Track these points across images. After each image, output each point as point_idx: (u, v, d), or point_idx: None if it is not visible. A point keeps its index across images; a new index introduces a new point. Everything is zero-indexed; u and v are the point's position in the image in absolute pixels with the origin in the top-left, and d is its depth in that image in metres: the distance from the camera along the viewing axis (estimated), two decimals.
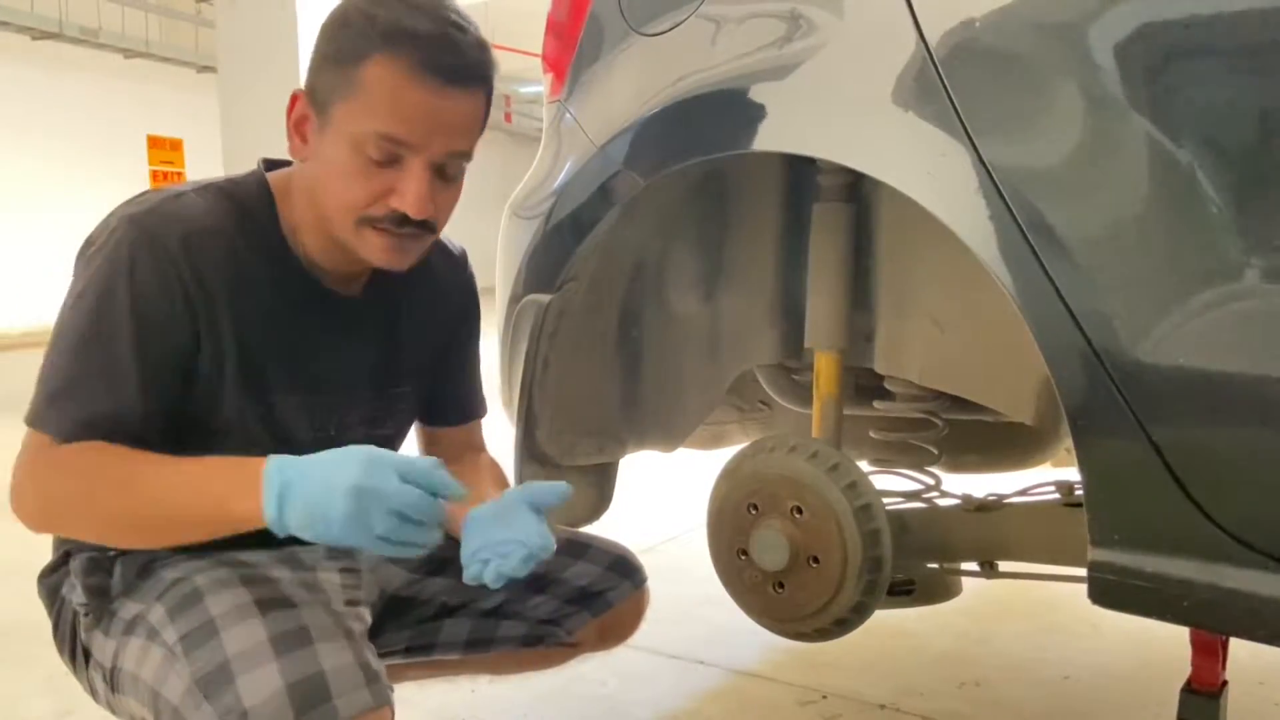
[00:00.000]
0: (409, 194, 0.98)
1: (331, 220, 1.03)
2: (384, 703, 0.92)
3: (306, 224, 1.07)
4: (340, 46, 0.98)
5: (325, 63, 0.99)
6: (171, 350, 1.00)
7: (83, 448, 0.97)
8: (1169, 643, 1.64)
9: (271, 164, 1.12)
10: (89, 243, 1.03)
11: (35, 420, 0.99)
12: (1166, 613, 1.02)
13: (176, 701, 0.94)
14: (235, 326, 1.03)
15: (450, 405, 1.30)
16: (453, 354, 1.27)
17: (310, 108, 1.01)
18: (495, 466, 1.27)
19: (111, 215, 1.03)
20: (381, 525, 0.86)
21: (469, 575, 0.95)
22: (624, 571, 1.31)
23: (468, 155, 1.03)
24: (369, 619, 1.20)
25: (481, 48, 1.00)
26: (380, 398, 1.18)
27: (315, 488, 0.87)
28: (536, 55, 1.61)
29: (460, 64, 0.98)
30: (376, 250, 1.02)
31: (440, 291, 1.22)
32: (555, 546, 0.96)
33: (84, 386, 0.98)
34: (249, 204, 1.06)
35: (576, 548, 1.31)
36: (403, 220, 1.00)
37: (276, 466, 0.90)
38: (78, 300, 0.99)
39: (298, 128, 1.03)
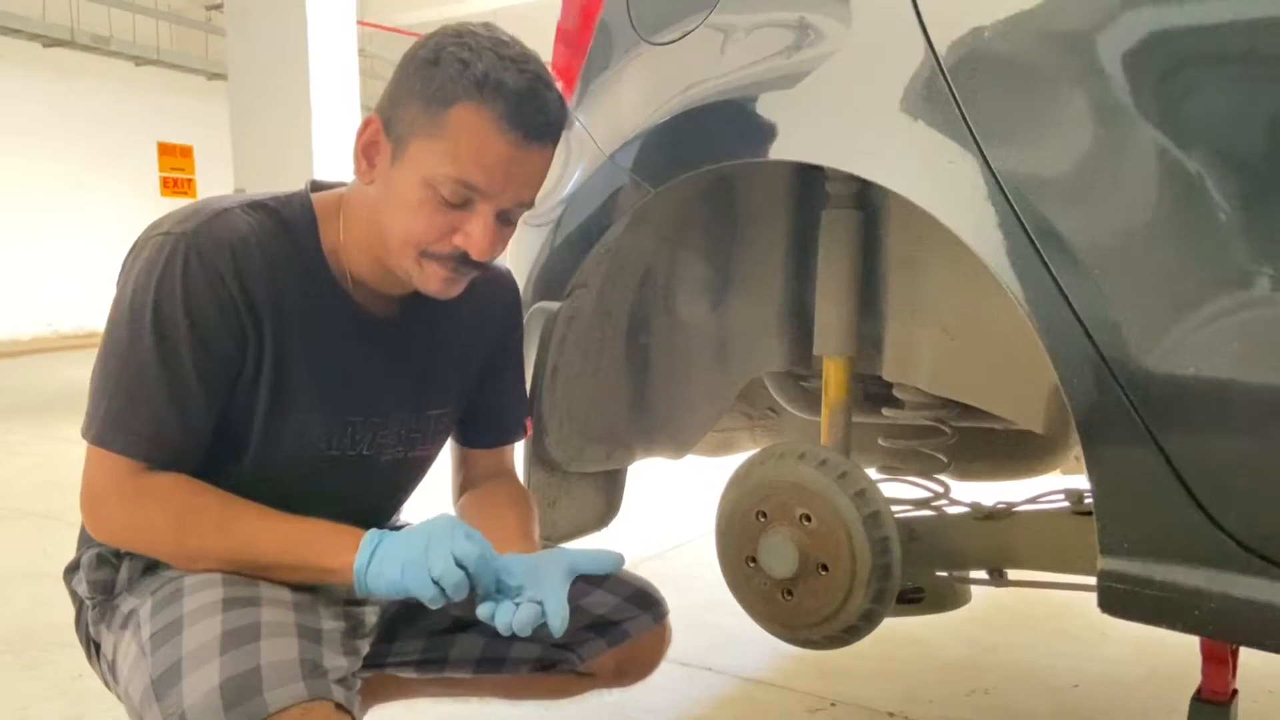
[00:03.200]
0: (475, 237, 1.02)
1: (390, 248, 1.05)
2: (320, 695, 0.90)
3: (356, 245, 1.09)
4: (428, 85, 0.99)
5: (410, 98, 1.01)
6: (225, 365, 1.03)
7: (175, 483, 1.02)
8: (1179, 651, 1.64)
9: (316, 185, 1.14)
10: (135, 253, 1.04)
11: (102, 439, 1.01)
12: (1177, 622, 1.02)
13: (138, 702, 0.96)
14: (275, 345, 1.05)
15: (485, 427, 1.31)
16: (491, 375, 1.27)
17: (385, 136, 1.03)
18: (523, 502, 1.26)
19: (156, 228, 1.04)
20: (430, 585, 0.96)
21: (481, 611, 0.99)
22: (643, 604, 1.27)
23: (531, 205, 1.07)
24: (372, 619, 1.21)
25: (561, 105, 1.04)
26: (417, 419, 1.19)
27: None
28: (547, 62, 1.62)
29: (544, 121, 1.01)
30: (433, 281, 1.05)
31: (480, 313, 1.23)
32: (566, 625, 1.00)
33: (148, 403, 1.00)
34: (293, 224, 1.08)
35: (596, 576, 1.24)
36: (464, 258, 1.03)
37: (373, 536, 0.99)
38: (132, 314, 1.01)
39: (366, 151, 1.05)
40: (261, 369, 1.05)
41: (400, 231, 1.03)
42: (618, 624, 1.25)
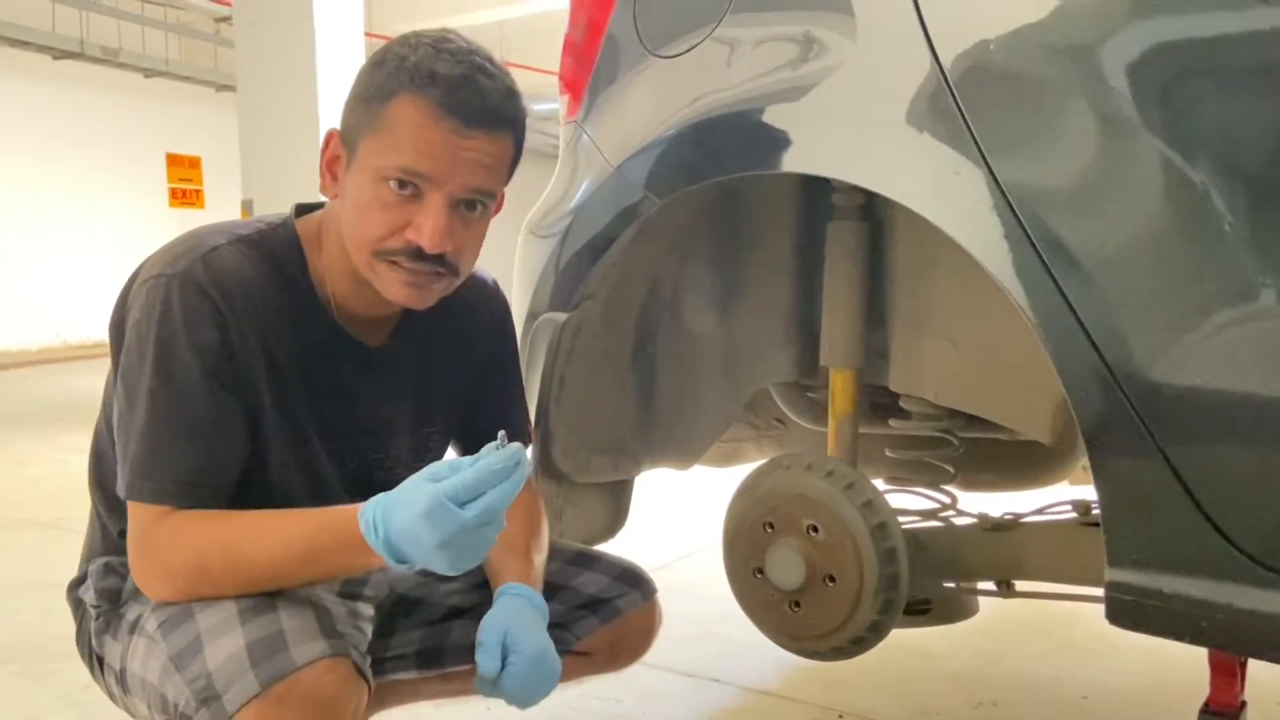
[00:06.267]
0: (425, 227, 1.00)
1: (353, 255, 1.05)
2: (341, 653, 0.93)
3: (334, 266, 1.09)
4: (371, 86, 1.02)
5: (356, 102, 1.03)
6: (237, 401, 1.03)
7: (205, 513, 1.00)
8: (1187, 662, 1.63)
9: (302, 209, 1.14)
10: (131, 299, 1.04)
11: (135, 493, 1.01)
12: (1185, 634, 1.02)
13: (156, 682, 0.97)
14: (272, 379, 1.06)
15: (485, 438, 1.31)
16: (485, 388, 1.27)
17: (341, 147, 1.05)
18: (532, 516, 1.26)
19: (149, 270, 1.03)
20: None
21: (484, 663, 1.03)
22: (632, 581, 1.30)
23: (490, 194, 1.05)
24: (369, 612, 1.22)
25: (508, 94, 1.03)
26: (414, 440, 1.20)
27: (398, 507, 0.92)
28: (550, 73, 1.63)
29: (482, 107, 1.00)
30: (394, 285, 1.04)
31: (470, 330, 1.23)
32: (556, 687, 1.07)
33: (174, 448, 1.00)
34: (281, 258, 1.08)
35: (585, 559, 1.31)
36: (418, 254, 1.02)
37: (368, 507, 0.94)
38: (141, 362, 1.00)
39: (329, 166, 1.07)
40: (265, 405, 1.06)
41: (355, 233, 1.03)
42: (609, 601, 1.28)
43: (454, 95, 0.98)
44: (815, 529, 1.35)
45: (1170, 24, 1.00)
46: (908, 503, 1.57)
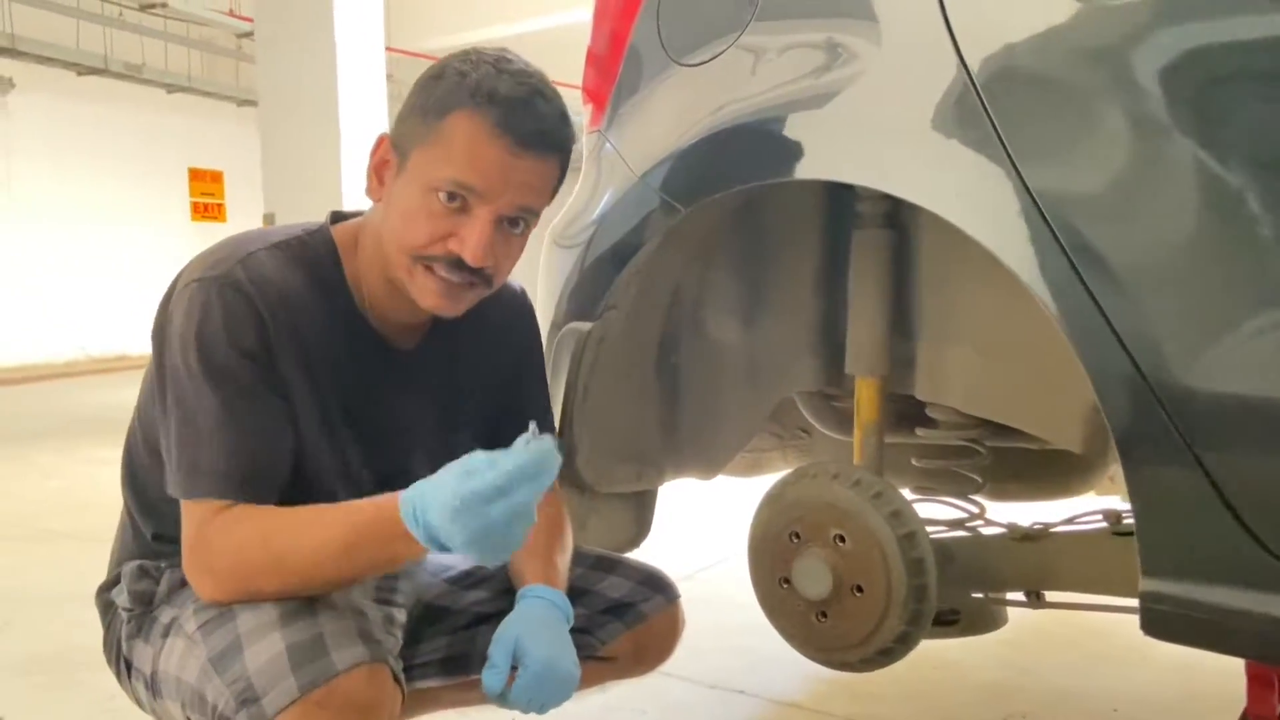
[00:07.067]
0: (470, 239, 1.02)
1: (390, 259, 1.06)
2: (379, 659, 0.94)
3: (370, 271, 1.11)
4: (429, 98, 1.03)
5: (412, 112, 1.05)
6: (279, 400, 1.05)
7: (255, 508, 1.01)
8: (1220, 673, 1.61)
9: (337, 216, 1.16)
10: (171, 304, 1.05)
11: (184, 489, 1.02)
12: (1221, 644, 1.00)
13: (194, 682, 0.98)
14: (308, 380, 1.07)
15: (509, 444, 1.31)
16: (512, 394, 1.28)
17: (392, 153, 1.07)
18: (556, 522, 1.26)
19: (189, 275, 1.05)
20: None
21: (488, 679, 1.04)
22: (656, 586, 1.31)
23: (534, 213, 1.07)
24: (401, 618, 1.24)
25: (562, 118, 1.05)
26: (442, 444, 1.20)
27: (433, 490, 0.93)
28: (573, 86, 1.63)
29: (538, 129, 1.03)
30: (428, 293, 1.05)
31: (498, 337, 1.24)
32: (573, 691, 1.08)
33: (222, 446, 1.01)
34: (317, 262, 1.10)
35: (607, 564, 1.32)
36: (458, 265, 1.04)
37: (408, 494, 0.95)
38: (185, 365, 1.02)
39: (377, 170, 1.09)
40: (301, 408, 1.07)
41: (397, 238, 1.05)
42: (633, 605, 1.28)
43: (512, 115, 1.01)
44: (842, 539, 1.34)
45: (1201, 26, 0.99)
46: (936, 512, 1.56)
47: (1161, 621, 1.02)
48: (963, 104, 1.09)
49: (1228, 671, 1.36)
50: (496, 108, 1.00)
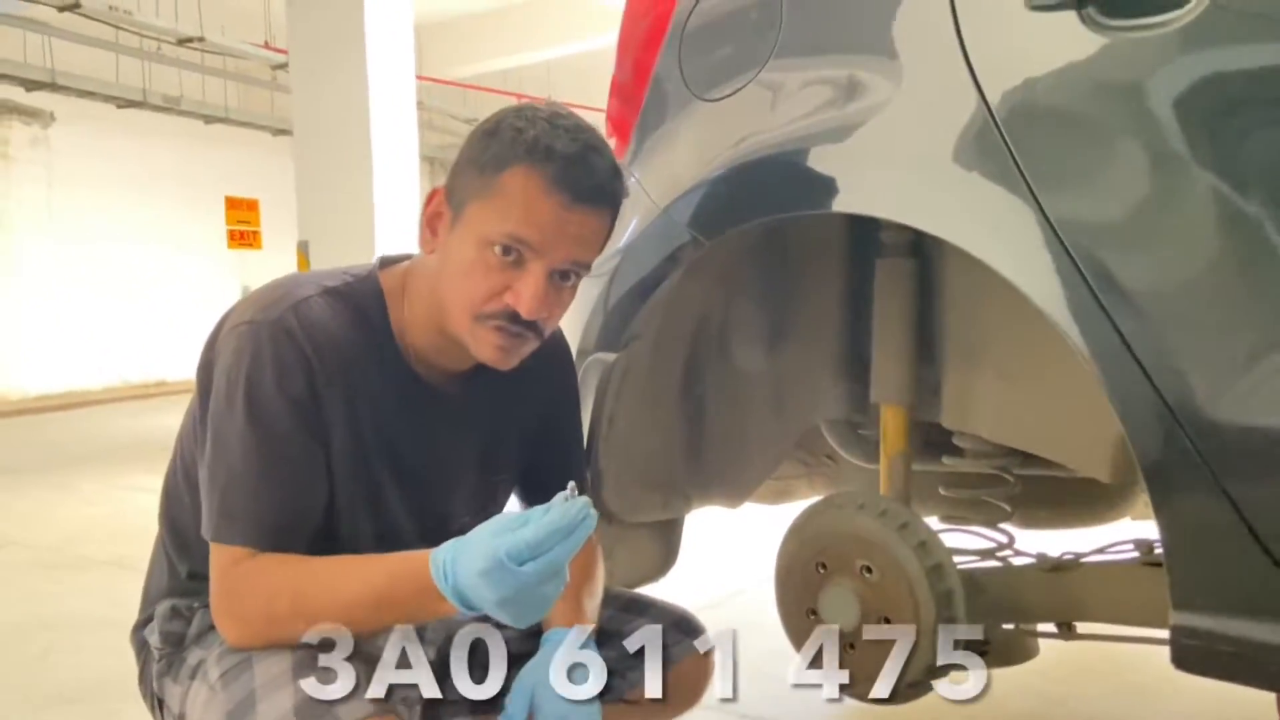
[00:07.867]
0: (525, 292, 1.04)
1: (449, 315, 1.08)
2: (386, 712, 0.95)
3: (418, 319, 1.12)
4: (485, 153, 1.05)
5: (469, 166, 1.06)
6: (319, 447, 1.06)
7: (281, 557, 1.02)
8: (1253, 706, 1.58)
9: (385, 261, 1.18)
10: (221, 344, 1.07)
11: (217, 534, 1.03)
12: (1254, 678, 0.99)
13: None
14: (350, 426, 1.08)
15: (550, 485, 1.32)
16: (550, 432, 1.30)
17: (446, 206, 1.08)
18: (589, 555, 1.26)
19: (240, 316, 1.07)
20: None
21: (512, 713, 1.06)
22: (687, 630, 1.30)
23: (585, 266, 1.09)
24: (429, 655, 1.22)
25: (614, 173, 1.07)
26: (482, 485, 1.23)
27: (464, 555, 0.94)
28: (597, 110, 1.65)
29: (592, 185, 1.04)
30: (488, 348, 1.07)
31: (537, 379, 1.25)
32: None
33: (259, 492, 1.02)
34: (364, 307, 1.12)
35: (638, 606, 1.31)
36: (514, 318, 1.05)
37: (439, 554, 0.96)
38: (230, 406, 1.03)
39: (430, 223, 1.10)
40: (343, 453, 1.08)
41: (456, 295, 1.06)
42: (664, 649, 1.26)
43: (568, 171, 1.02)
44: (869, 570, 1.33)
45: (1219, 56, 0.99)
46: (964, 542, 1.55)
47: (1192, 655, 1.00)
48: (983, 137, 1.09)
49: (1264, 704, 1.34)
50: (553, 164, 1.02)
